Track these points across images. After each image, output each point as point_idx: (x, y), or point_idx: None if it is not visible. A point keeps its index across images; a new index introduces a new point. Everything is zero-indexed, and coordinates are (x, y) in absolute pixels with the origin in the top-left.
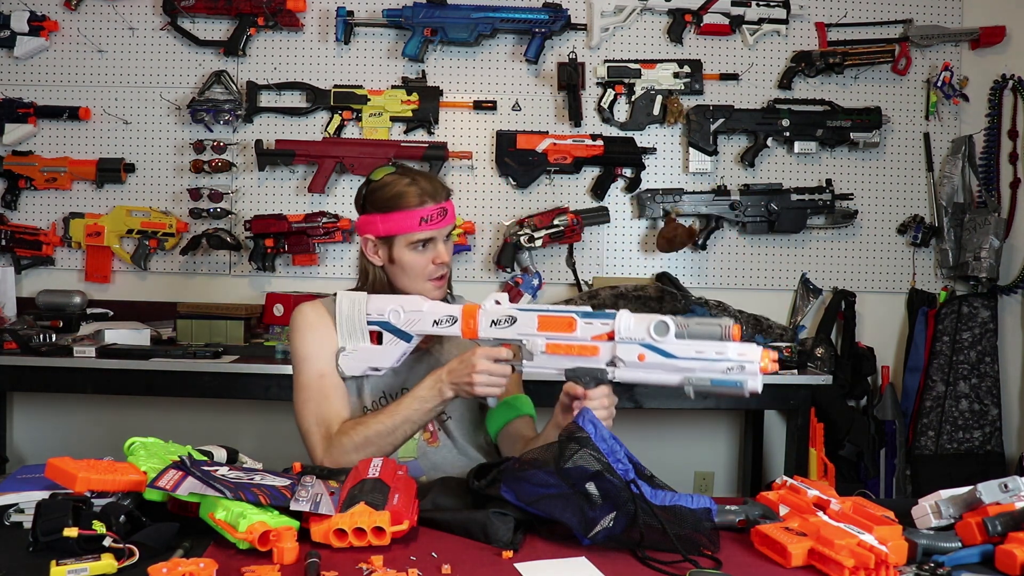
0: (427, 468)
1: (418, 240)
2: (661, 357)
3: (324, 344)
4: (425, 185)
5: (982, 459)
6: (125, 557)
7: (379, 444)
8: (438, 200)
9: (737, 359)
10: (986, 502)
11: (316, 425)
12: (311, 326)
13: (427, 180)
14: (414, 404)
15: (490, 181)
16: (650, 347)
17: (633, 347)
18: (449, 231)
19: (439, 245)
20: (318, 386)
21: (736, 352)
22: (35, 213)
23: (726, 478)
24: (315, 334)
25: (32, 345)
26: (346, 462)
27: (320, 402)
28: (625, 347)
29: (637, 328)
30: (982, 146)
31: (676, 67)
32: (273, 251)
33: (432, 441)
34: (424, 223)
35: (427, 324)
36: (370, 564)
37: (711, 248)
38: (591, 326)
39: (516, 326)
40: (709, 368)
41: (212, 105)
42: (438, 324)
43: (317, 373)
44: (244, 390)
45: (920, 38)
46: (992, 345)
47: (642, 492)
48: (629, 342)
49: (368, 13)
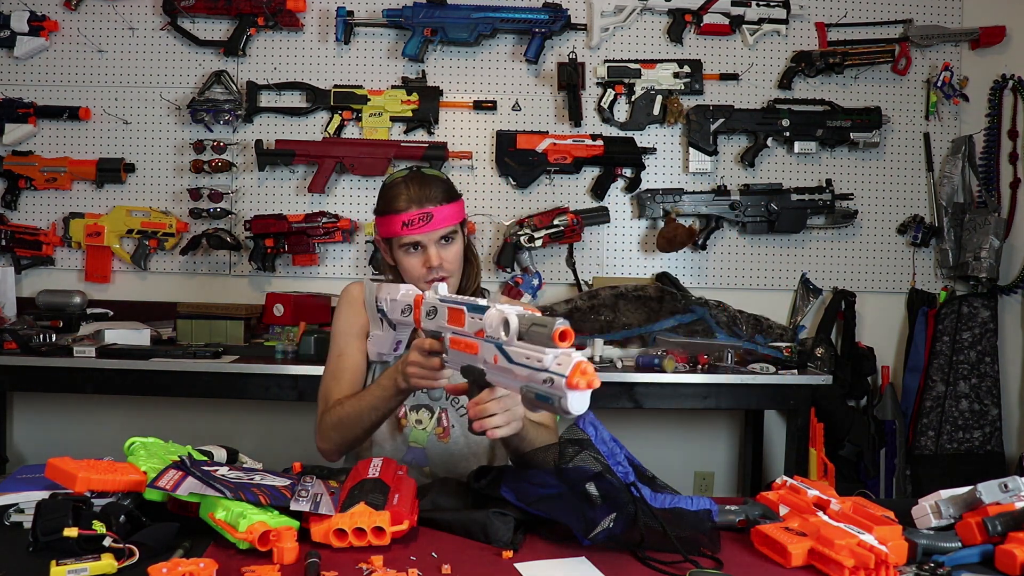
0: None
1: (407, 243)
2: (505, 361)
3: (352, 323)
4: (414, 190)
5: (982, 459)
6: (125, 557)
7: (351, 427)
8: (423, 205)
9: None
10: (986, 502)
11: (321, 401)
12: (348, 303)
13: (420, 185)
14: (377, 391)
15: (490, 181)
16: (498, 347)
17: (490, 347)
18: (443, 235)
19: (430, 248)
20: (335, 365)
21: (554, 361)
22: (35, 213)
23: (726, 478)
24: (349, 310)
25: (32, 345)
26: (329, 441)
27: (330, 380)
28: (487, 346)
29: (494, 324)
30: (982, 146)
31: (676, 67)
32: (273, 251)
33: (443, 436)
34: (406, 227)
35: (398, 312)
36: (370, 564)
37: (711, 248)
38: (474, 320)
39: (438, 318)
40: (534, 378)
41: (212, 105)
42: (403, 313)
43: (337, 351)
44: (244, 390)
45: (920, 38)
46: (992, 345)
47: (642, 495)
48: (489, 340)
49: (368, 13)
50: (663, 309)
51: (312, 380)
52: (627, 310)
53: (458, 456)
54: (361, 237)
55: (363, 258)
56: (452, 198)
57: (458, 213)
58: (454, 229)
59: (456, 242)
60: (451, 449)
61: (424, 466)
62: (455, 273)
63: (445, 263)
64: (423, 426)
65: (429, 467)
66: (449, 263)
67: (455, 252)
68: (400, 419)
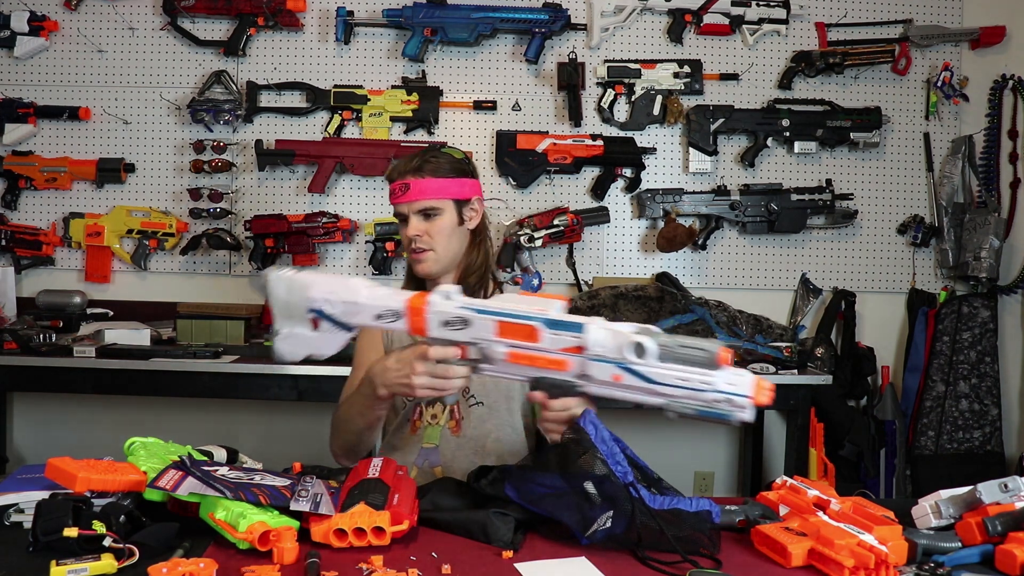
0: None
1: (396, 213)
2: (639, 380)
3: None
4: (405, 161)
5: (982, 459)
6: (125, 557)
7: (342, 430)
8: (404, 176)
9: (726, 391)
10: (986, 502)
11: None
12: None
13: (413, 158)
14: (359, 399)
15: (490, 181)
16: (626, 368)
17: (607, 366)
18: (422, 208)
19: (410, 219)
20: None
21: (725, 382)
22: (35, 213)
23: (726, 478)
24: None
25: (32, 345)
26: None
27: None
28: (598, 365)
29: (611, 345)
30: (982, 146)
31: (676, 67)
32: (273, 251)
33: (456, 430)
34: (392, 196)
35: (367, 318)
36: (370, 564)
37: (711, 248)
38: (558, 337)
39: (471, 330)
40: (694, 397)
41: (212, 105)
42: (381, 319)
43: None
44: (244, 390)
45: (920, 38)
46: (992, 345)
47: (641, 496)
48: (602, 360)
49: (368, 13)
50: (663, 309)
51: (312, 380)
52: (627, 310)
53: (467, 449)
54: (361, 237)
55: (363, 258)
56: (444, 174)
57: (446, 190)
58: (435, 204)
59: (441, 218)
60: (461, 442)
61: (436, 466)
62: (439, 248)
63: (424, 236)
64: (438, 420)
65: (441, 466)
66: (430, 236)
67: (438, 227)
68: (415, 421)
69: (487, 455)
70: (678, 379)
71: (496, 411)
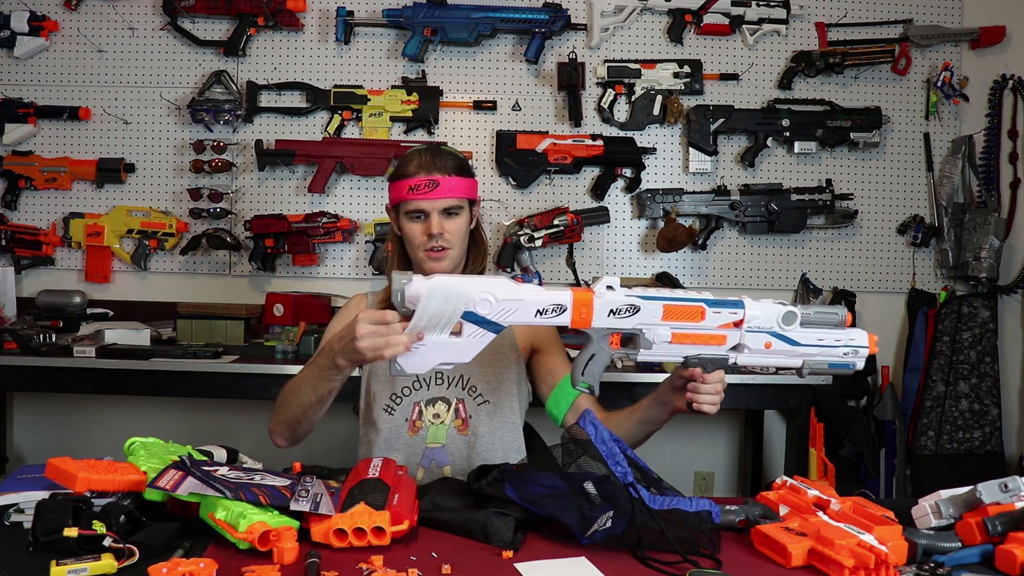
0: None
1: (412, 210)
2: (787, 344)
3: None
4: (426, 158)
5: (982, 459)
6: (125, 557)
7: (289, 403)
8: (431, 172)
9: (853, 344)
10: (986, 502)
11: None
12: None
13: (432, 155)
14: (314, 368)
15: (490, 181)
16: (777, 335)
17: (760, 335)
18: (447, 206)
19: (432, 216)
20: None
21: (850, 338)
22: (35, 213)
23: (726, 478)
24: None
25: (32, 345)
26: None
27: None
28: (753, 335)
29: (766, 318)
30: (982, 146)
31: (676, 67)
32: (273, 251)
33: (463, 429)
34: (412, 191)
35: (527, 314)
36: (370, 564)
37: (711, 248)
38: (719, 315)
39: (639, 316)
40: (828, 353)
41: (212, 105)
42: (542, 314)
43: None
44: (244, 390)
45: (920, 38)
46: (992, 345)
47: (641, 496)
48: (757, 331)
49: (368, 13)
50: None
51: None
52: None
53: (480, 449)
54: (361, 237)
55: (363, 258)
56: (463, 173)
57: (467, 189)
58: (459, 203)
59: (461, 217)
60: (471, 441)
61: (444, 466)
62: (456, 247)
63: (447, 234)
64: (441, 419)
65: (450, 466)
66: (451, 235)
67: (458, 226)
68: (414, 421)
69: (495, 453)
70: (817, 339)
71: (501, 409)
